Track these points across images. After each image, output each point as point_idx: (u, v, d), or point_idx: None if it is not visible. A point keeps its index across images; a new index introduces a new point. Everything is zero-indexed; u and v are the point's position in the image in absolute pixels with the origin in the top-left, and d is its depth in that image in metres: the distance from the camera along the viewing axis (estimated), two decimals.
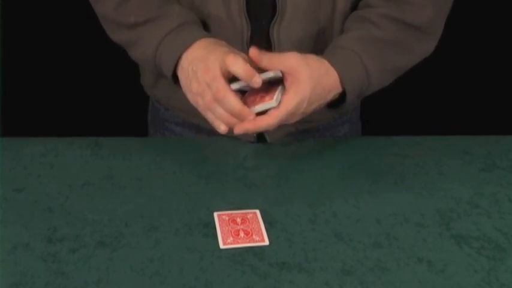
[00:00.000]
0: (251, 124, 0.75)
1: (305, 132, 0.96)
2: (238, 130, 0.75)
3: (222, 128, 0.76)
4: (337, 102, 0.84)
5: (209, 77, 0.74)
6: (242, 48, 0.86)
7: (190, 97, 0.80)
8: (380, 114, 1.50)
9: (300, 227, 0.73)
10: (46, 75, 1.78)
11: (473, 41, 1.75)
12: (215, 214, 0.75)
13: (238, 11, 0.85)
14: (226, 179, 0.83)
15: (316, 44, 0.89)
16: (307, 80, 0.75)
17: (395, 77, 0.87)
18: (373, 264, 0.67)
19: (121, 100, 1.71)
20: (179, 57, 0.80)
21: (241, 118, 0.74)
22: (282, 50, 0.87)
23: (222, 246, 0.70)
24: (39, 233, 0.71)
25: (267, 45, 0.87)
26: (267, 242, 0.70)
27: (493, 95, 1.83)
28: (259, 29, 0.87)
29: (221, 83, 0.74)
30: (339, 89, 0.81)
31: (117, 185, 0.81)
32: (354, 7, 0.89)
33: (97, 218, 0.74)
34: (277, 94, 0.75)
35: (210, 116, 0.77)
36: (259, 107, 0.75)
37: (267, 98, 0.75)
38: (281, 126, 0.78)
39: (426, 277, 0.66)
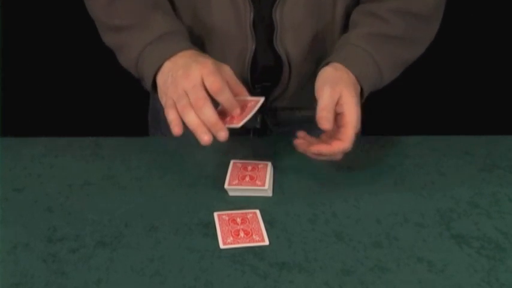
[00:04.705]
0: (327, 148, 0.76)
1: (309, 122, 0.96)
2: (314, 150, 0.77)
3: (175, 130, 0.74)
4: None
5: (189, 85, 0.73)
6: (245, 31, 0.87)
7: (164, 99, 0.78)
8: (380, 114, 1.50)
9: (300, 227, 0.73)
10: (46, 75, 1.78)
11: (473, 41, 1.76)
12: (215, 214, 0.75)
13: None
14: None
15: (318, 28, 0.90)
16: (320, 85, 0.78)
17: (403, 69, 0.89)
18: (373, 264, 0.67)
19: (121, 100, 1.72)
20: (161, 65, 0.79)
21: (212, 129, 0.73)
22: (283, 33, 0.88)
23: (222, 246, 0.70)
24: (39, 233, 0.71)
25: (269, 28, 0.88)
26: (267, 242, 0.70)
27: (493, 95, 1.83)
28: (262, 11, 0.87)
29: (202, 93, 0.73)
30: (357, 83, 0.82)
31: (117, 185, 0.81)
32: None
33: (97, 218, 0.74)
34: (244, 121, 0.75)
35: (170, 117, 0.75)
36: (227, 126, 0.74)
37: (235, 120, 0.75)
38: (286, 113, 0.83)
39: (426, 277, 0.66)
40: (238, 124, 0.74)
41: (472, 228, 0.74)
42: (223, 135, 0.73)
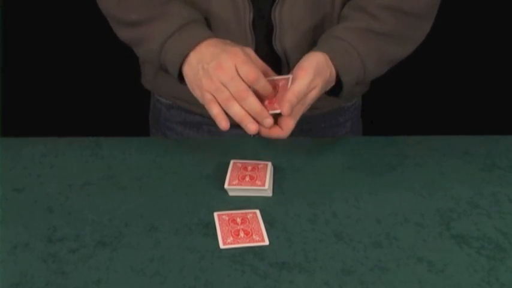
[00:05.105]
0: (265, 131, 0.77)
1: (309, 122, 0.96)
2: (268, 133, 0.77)
3: (223, 124, 0.76)
4: (334, 91, 0.86)
5: (226, 77, 0.74)
6: (245, 31, 0.87)
7: (198, 92, 0.79)
8: (380, 114, 1.50)
9: (300, 227, 0.74)
10: (46, 75, 1.78)
11: (473, 41, 1.75)
12: (215, 214, 0.75)
13: None
14: None
15: (317, 28, 0.90)
16: (310, 65, 0.78)
17: (390, 66, 0.89)
18: (373, 264, 0.67)
19: (121, 100, 1.72)
20: (186, 55, 0.80)
21: (258, 118, 0.75)
22: (283, 32, 0.88)
23: (222, 246, 0.70)
24: (39, 233, 0.71)
25: (268, 27, 0.88)
26: (267, 242, 0.70)
27: (493, 95, 1.83)
28: (262, 11, 0.88)
29: (242, 83, 0.74)
30: (333, 82, 0.83)
31: (117, 185, 0.81)
32: None
33: (97, 218, 0.74)
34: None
35: (215, 111, 0.76)
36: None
37: (275, 105, 0.77)
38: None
39: (426, 277, 0.66)
40: (280, 109, 0.76)
41: (472, 228, 0.74)
42: (269, 121, 0.75)
